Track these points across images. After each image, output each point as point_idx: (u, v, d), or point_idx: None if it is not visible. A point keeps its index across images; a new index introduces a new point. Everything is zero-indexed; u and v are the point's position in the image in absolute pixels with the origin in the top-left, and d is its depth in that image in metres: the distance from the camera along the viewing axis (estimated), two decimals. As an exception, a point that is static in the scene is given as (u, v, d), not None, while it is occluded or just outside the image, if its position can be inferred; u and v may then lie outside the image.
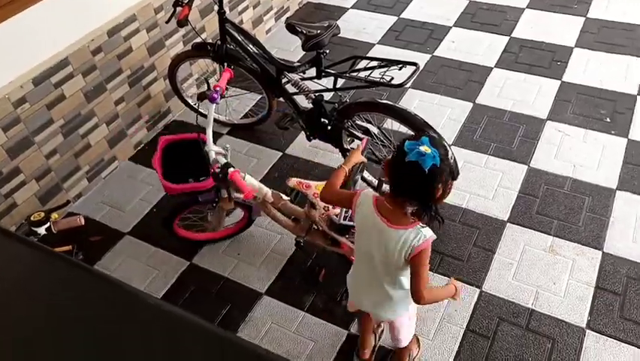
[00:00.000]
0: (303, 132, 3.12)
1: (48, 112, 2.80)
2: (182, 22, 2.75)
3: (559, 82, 3.65)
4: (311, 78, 2.86)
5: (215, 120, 3.55)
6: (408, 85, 2.55)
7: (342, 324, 2.47)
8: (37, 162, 2.83)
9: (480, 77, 3.75)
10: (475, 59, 3.92)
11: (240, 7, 3.97)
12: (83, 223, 2.08)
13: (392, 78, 2.47)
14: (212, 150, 2.18)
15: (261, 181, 2.39)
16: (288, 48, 4.15)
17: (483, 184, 3.03)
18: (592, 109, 3.42)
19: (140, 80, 3.31)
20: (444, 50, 4.03)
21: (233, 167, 2.10)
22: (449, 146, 2.59)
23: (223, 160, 2.13)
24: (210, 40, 3.54)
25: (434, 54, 4.00)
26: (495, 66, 3.84)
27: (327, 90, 2.83)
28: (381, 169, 2.62)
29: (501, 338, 2.37)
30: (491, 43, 4.05)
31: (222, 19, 2.90)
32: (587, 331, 2.37)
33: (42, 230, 2.02)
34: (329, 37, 2.62)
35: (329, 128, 2.84)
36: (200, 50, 3.16)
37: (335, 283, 2.60)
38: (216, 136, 3.49)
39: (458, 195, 2.92)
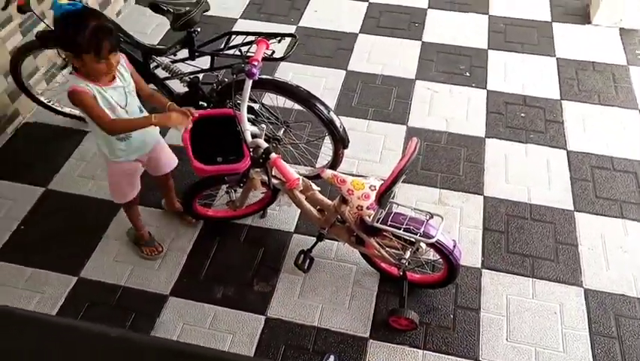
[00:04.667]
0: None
1: None
2: (24, 8, 2.39)
3: (420, 42, 3.84)
4: (183, 60, 2.68)
5: (75, 117, 3.20)
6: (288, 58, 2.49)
7: (258, 310, 2.41)
8: None
9: (347, 44, 3.81)
10: (339, 26, 3.96)
11: (82, -12, 3.56)
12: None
13: (273, 52, 2.38)
14: (248, 130, 2.06)
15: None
16: (144, 30, 3.85)
17: (368, 149, 3.11)
18: (452, 65, 3.66)
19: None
20: (308, 20, 4.02)
21: (275, 152, 2.00)
22: (336, 115, 2.60)
23: (264, 144, 2.02)
24: (56, 28, 3.15)
25: (299, 25, 3.97)
26: (360, 32, 3.92)
27: (203, 71, 2.67)
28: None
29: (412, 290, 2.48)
30: (352, 10, 4.12)
31: (71, 2, 2.57)
32: (483, 270, 2.58)
33: None
34: (200, 15, 2.46)
35: (210, 110, 2.70)
36: (47, 40, 2.78)
37: (244, 268, 2.53)
38: (83, 135, 3.15)
39: (348, 162, 2.96)
